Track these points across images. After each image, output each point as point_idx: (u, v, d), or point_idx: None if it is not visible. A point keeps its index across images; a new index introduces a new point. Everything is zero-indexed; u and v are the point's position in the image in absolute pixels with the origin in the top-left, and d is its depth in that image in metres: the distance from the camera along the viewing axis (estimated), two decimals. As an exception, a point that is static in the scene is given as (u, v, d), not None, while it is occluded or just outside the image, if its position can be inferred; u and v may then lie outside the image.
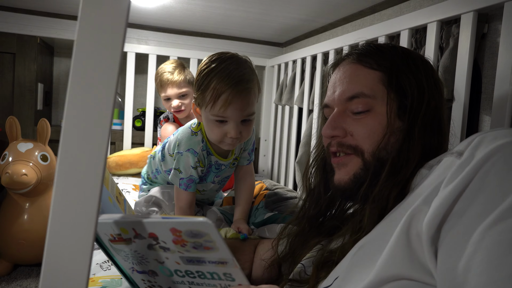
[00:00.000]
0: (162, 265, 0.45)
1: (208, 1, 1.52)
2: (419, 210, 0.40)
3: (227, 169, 1.11)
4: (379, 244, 0.44)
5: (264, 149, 2.24)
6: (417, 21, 1.04)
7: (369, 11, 1.43)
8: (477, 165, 0.37)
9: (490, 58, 0.94)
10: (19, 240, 1.55)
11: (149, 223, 0.40)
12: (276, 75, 2.16)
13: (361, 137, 0.58)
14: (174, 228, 0.39)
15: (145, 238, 0.42)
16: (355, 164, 0.59)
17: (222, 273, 0.43)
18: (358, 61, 0.62)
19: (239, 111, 0.90)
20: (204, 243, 0.39)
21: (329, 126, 0.61)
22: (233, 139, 0.94)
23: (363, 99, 0.58)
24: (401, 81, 0.58)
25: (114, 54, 0.33)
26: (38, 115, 1.91)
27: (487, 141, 0.39)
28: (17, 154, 1.54)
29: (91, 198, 0.33)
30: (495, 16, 0.92)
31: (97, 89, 0.33)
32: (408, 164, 0.54)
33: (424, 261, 0.38)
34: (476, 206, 0.35)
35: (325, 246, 0.60)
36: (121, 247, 0.45)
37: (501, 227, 0.32)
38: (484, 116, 0.95)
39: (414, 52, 0.64)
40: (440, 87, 0.62)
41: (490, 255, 0.32)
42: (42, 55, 1.93)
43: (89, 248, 0.33)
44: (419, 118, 0.56)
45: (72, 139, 0.33)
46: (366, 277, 0.42)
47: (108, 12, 0.33)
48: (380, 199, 0.52)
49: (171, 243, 0.41)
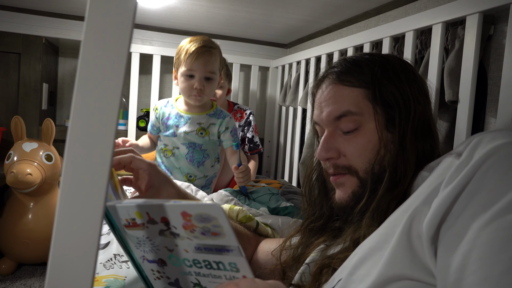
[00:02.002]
0: (172, 253, 0.46)
1: (213, 2, 1.53)
2: (420, 211, 0.41)
3: (193, 134, 1.33)
4: (381, 245, 0.44)
5: (268, 150, 2.24)
6: (422, 22, 1.04)
7: (374, 12, 1.43)
8: (475, 165, 0.38)
9: (496, 60, 0.93)
10: (24, 240, 1.56)
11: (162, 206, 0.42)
12: (280, 76, 2.16)
13: (353, 157, 0.59)
14: (184, 212, 0.41)
15: (157, 223, 0.44)
16: (352, 182, 0.60)
17: (227, 263, 0.43)
18: (339, 81, 0.62)
19: (203, 65, 1.25)
20: (212, 228, 0.41)
21: (323, 149, 0.62)
22: (198, 91, 1.27)
23: (351, 117, 0.59)
24: (384, 94, 0.58)
25: (120, 54, 0.33)
26: (43, 115, 1.92)
27: (486, 141, 0.39)
28: (22, 153, 1.54)
29: (97, 197, 0.33)
30: (501, 18, 0.92)
31: (103, 90, 0.33)
32: (406, 176, 0.54)
33: (425, 261, 0.39)
34: (473, 206, 0.36)
35: (328, 248, 0.60)
36: (135, 233, 0.47)
37: (496, 225, 0.33)
38: (490, 118, 0.94)
39: (392, 58, 0.64)
40: (423, 88, 0.62)
41: (485, 253, 0.32)
42: (47, 55, 1.95)
43: (94, 247, 0.33)
44: (409, 127, 0.57)
45: (79, 139, 0.33)
46: (369, 278, 0.42)
47: (115, 12, 0.33)
48: (379, 213, 0.53)
49: (181, 228, 0.43)
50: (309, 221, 0.70)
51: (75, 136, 0.33)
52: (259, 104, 2.34)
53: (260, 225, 0.93)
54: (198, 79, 1.26)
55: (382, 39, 1.20)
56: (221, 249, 0.43)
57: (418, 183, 0.51)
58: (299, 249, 0.68)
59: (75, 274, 0.34)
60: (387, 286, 0.40)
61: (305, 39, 2.01)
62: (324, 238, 0.64)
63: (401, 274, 0.39)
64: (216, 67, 1.29)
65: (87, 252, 0.33)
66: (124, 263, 0.81)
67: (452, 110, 1.01)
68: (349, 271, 0.46)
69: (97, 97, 0.33)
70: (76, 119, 0.33)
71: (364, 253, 0.46)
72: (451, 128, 1.00)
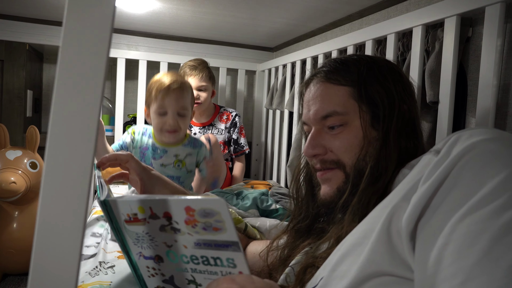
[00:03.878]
0: (170, 249, 0.47)
1: (198, 7, 1.53)
2: (399, 207, 0.42)
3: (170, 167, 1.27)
4: (361, 241, 0.45)
5: (256, 154, 2.24)
6: (402, 25, 1.06)
7: (357, 16, 1.45)
8: (453, 161, 0.39)
9: (475, 61, 0.96)
10: (8, 249, 1.53)
11: (166, 201, 0.43)
12: (266, 79, 2.17)
13: (341, 151, 0.61)
14: (188, 207, 0.42)
15: (159, 218, 0.45)
16: (338, 177, 0.62)
17: (225, 258, 0.44)
18: (327, 79, 0.64)
19: (175, 101, 1.20)
20: (214, 223, 0.42)
21: (309, 146, 0.63)
22: (170, 128, 1.21)
23: (336, 117, 0.61)
24: (370, 92, 0.60)
25: (100, 59, 0.33)
26: (28, 122, 1.89)
27: (463, 139, 0.40)
28: (6, 162, 1.52)
29: (78, 205, 0.33)
30: (478, 20, 0.94)
31: (83, 95, 0.33)
32: (386, 171, 0.56)
33: (404, 257, 0.40)
34: (449, 201, 0.37)
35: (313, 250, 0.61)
36: (135, 228, 0.48)
37: (469, 220, 0.34)
38: (470, 118, 0.96)
39: (379, 59, 0.67)
40: (409, 89, 0.64)
41: (459, 246, 0.33)
42: (31, 61, 1.92)
43: (77, 256, 0.33)
44: (393, 125, 0.59)
45: (59, 146, 0.33)
46: (350, 274, 0.43)
47: (94, 17, 0.33)
48: (360, 208, 0.55)
49: (183, 223, 0.43)
50: (296, 222, 0.70)
51: (55, 143, 0.33)
52: (246, 107, 2.35)
53: (249, 228, 0.94)
54: (172, 116, 1.21)
55: (365, 41, 1.22)
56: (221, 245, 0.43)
57: (399, 180, 0.53)
58: (286, 250, 0.68)
59: (57, 283, 0.33)
60: (367, 282, 0.41)
61: (290, 43, 2.03)
62: (309, 241, 0.65)
63: (381, 270, 0.40)
64: (188, 103, 1.25)
65: (69, 261, 0.33)
66: (109, 269, 0.80)
67: (434, 110, 1.03)
68: (331, 268, 0.47)
69: (77, 102, 0.33)
70: (56, 125, 0.33)
71: (345, 249, 0.47)
72: (433, 128, 1.02)
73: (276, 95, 1.90)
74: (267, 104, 2.05)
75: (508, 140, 0.39)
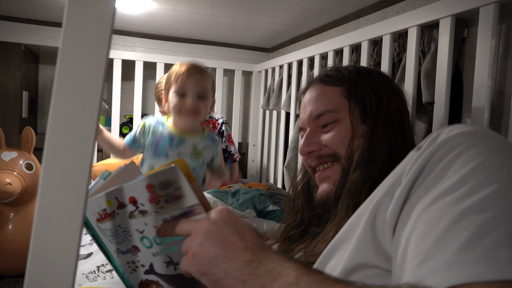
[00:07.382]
0: (143, 235, 0.48)
1: (194, 7, 1.53)
2: (382, 202, 0.44)
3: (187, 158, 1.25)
4: (348, 236, 0.47)
5: (252, 154, 2.24)
6: (398, 25, 1.07)
7: (353, 16, 1.45)
8: (429, 155, 0.41)
9: (471, 61, 0.96)
10: (4, 251, 1.52)
11: (128, 186, 0.45)
12: (263, 80, 2.17)
13: (335, 144, 0.64)
14: (149, 184, 0.43)
15: (126, 205, 0.46)
16: (336, 172, 0.64)
17: None
18: (321, 81, 0.70)
19: (195, 82, 1.19)
20: (174, 192, 0.43)
21: (304, 144, 0.67)
22: (190, 108, 1.19)
23: (328, 115, 0.65)
24: (358, 90, 0.65)
25: (99, 60, 0.33)
26: (23, 123, 1.88)
27: (443, 134, 0.42)
28: (1, 163, 1.51)
29: (76, 206, 0.33)
30: (473, 21, 0.95)
31: (82, 96, 0.33)
32: (375, 159, 0.59)
33: (387, 250, 0.41)
34: (420, 191, 0.39)
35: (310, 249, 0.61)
36: (107, 225, 0.49)
37: (434, 207, 0.36)
38: (466, 119, 0.97)
39: (372, 68, 0.72)
40: (400, 95, 0.69)
41: (421, 232, 0.36)
42: (27, 62, 1.91)
43: (74, 259, 0.33)
44: (380, 118, 0.63)
45: (57, 147, 0.33)
46: (338, 267, 0.44)
47: (93, 18, 0.33)
48: (352, 195, 0.57)
49: (147, 203, 0.45)
50: (290, 228, 0.72)
51: (53, 144, 0.33)
52: (243, 108, 2.35)
53: None
54: (192, 96, 1.19)
55: (361, 42, 1.23)
56: (186, 213, 0.45)
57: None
58: None
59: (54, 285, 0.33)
60: (353, 274, 0.42)
61: (287, 43, 2.04)
62: (304, 245, 0.66)
63: (366, 263, 0.42)
64: (208, 86, 1.23)
65: (66, 263, 0.33)
66: (108, 273, 0.80)
67: (430, 111, 1.03)
68: (322, 263, 0.48)
69: (76, 103, 0.33)
70: (55, 127, 0.33)
71: (333, 244, 0.48)
72: (429, 129, 1.03)
73: (273, 95, 1.91)
74: (264, 104, 2.06)
75: (484, 134, 0.41)
